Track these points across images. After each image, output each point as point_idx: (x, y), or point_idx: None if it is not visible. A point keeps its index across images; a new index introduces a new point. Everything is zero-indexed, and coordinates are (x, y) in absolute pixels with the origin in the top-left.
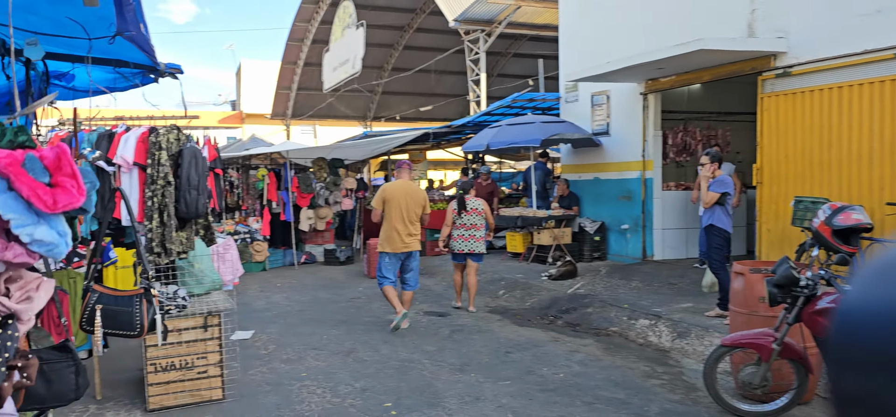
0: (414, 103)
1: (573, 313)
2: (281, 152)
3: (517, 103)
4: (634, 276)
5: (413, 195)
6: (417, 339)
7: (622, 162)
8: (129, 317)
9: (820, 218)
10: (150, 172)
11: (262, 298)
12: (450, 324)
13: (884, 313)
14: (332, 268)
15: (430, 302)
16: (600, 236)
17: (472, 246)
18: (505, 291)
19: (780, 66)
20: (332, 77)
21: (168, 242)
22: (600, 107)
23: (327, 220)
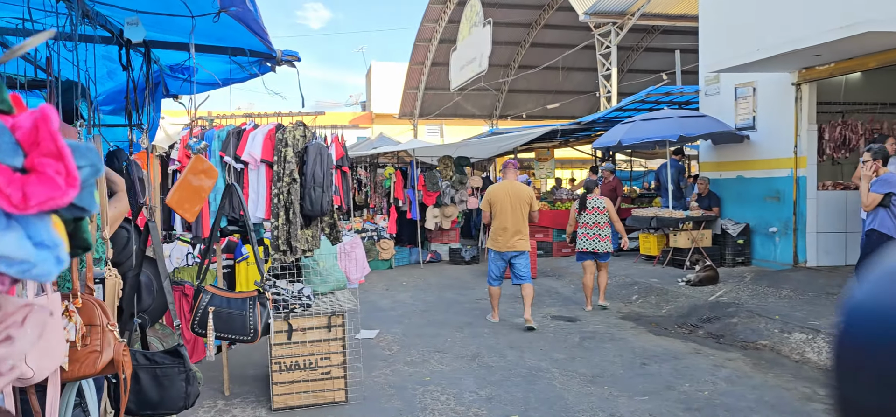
0: (540, 101)
1: (716, 323)
2: (407, 150)
3: (652, 97)
4: (784, 284)
5: (518, 194)
6: (545, 345)
7: (770, 159)
8: (242, 321)
9: None
10: (276, 169)
11: (387, 297)
12: (579, 330)
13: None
14: (457, 267)
15: (558, 306)
16: (744, 239)
17: (596, 245)
18: (639, 296)
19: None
20: (458, 76)
21: (293, 240)
22: (745, 100)
23: (453, 219)
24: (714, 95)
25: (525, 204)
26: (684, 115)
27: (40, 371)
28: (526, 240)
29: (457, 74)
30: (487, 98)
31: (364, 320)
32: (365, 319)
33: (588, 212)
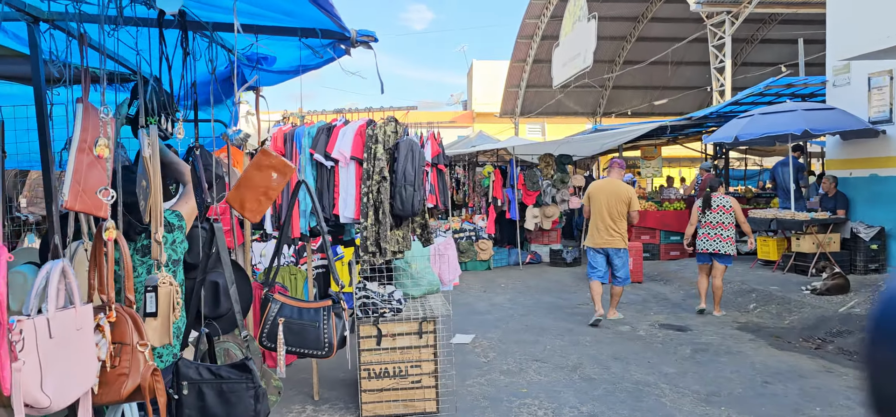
0: (646, 97)
1: (848, 337)
2: (507, 148)
3: (771, 90)
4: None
5: (616, 192)
6: (653, 357)
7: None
8: (316, 334)
9: None
10: (366, 167)
11: (484, 299)
12: (691, 341)
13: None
14: (558, 270)
15: (666, 313)
16: (878, 244)
17: (717, 245)
18: (757, 305)
19: None
20: (561, 73)
21: (382, 241)
22: (881, 91)
23: (553, 219)
24: (843, 87)
25: (622, 202)
26: (809, 108)
27: (60, 398)
28: (621, 239)
29: (559, 71)
30: (591, 95)
31: (459, 323)
32: (460, 322)
33: (712, 212)
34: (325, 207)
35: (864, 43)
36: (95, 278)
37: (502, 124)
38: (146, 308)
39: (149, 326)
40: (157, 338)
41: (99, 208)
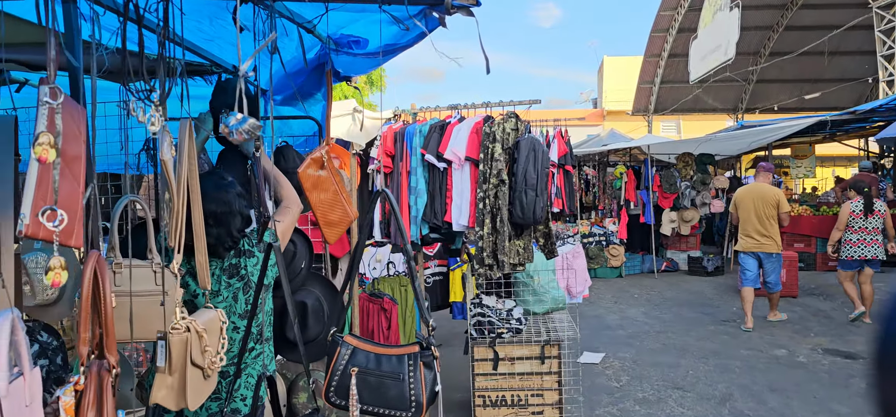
0: (796, 91)
1: None
2: (641, 147)
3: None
4: None
5: (763, 196)
6: (819, 390)
7: None
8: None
9: None
10: (482, 169)
11: (615, 311)
12: (865, 373)
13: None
14: (697, 280)
15: (830, 335)
16: None
17: (875, 251)
18: None
19: None
20: (700, 66)
21: (500, 252)
22: None
23: (693, 224)
24: None
25: (770, 206)
26: None
27: None
28: (774, 243)
29: (697, 65)
30: (732, 90)
31: (587, 339)
32: (588, 338)
33: (872, 216)
34: (438, 213)
35: None
36: (88, 328)
37: (635, 122)
38: (156, 359)
39: (161, 384)
40: (172, 401)
41: (48, 235)
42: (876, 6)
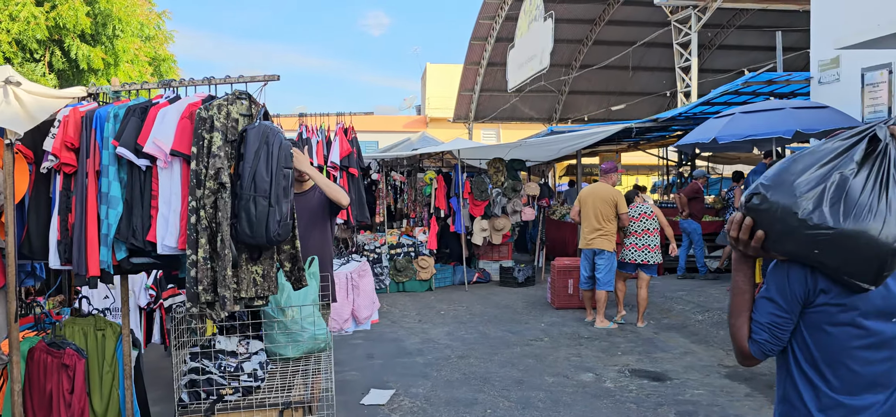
0: (604, 103)
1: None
2: (452, 152)
3: (750, 87)
4: None
5: (602, 195)
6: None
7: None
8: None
9: None
10: (195, 168)
11: (417, 332)
12: (672, 395)
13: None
14: (509, 291)
15: (637, 353)
16: None
17: (646, 256)
18: None
19: None
20: (517, 75)
21: (222, 284)
22: (877, 87)
23: (505, 232)
24: (831, 83)
25: (608, 205)
26: (799, 107)
27: None
28: (605, 240)
29: (514, 74)
30: (546, 100)
31: (379, 371)
32: (380, 369)
33: (635, 220)
34: (138, 230)
35: (856, 33)
36: None
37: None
38: None
39: None
40: None
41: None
42: (674, 19)
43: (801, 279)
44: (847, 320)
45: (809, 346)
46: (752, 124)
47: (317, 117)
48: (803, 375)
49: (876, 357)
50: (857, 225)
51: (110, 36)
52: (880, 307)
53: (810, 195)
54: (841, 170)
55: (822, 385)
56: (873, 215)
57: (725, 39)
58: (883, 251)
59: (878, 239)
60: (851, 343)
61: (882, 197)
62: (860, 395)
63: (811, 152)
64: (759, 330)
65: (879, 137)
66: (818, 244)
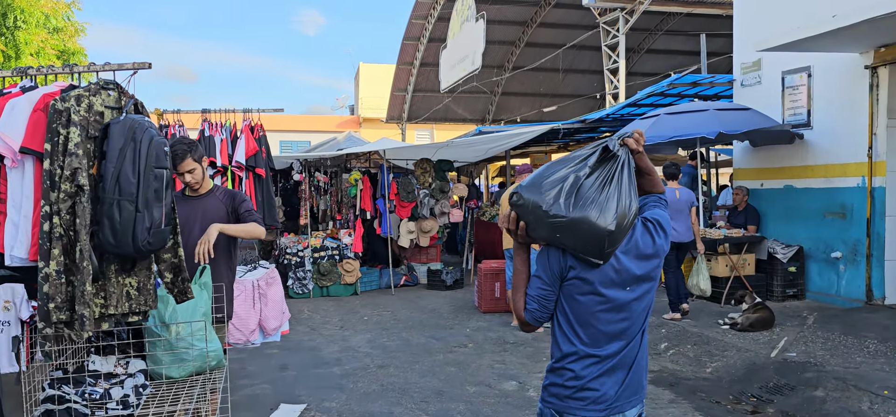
0: (536, 104)
1: (790, 395)
2: (378, 152)
3: (675, 89)
4: (865, 331)
5: None
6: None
7: (832, 164)
8: None
9: None
10: (49, 168)
11: (337, 340)
12: None
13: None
14: (436, 295)
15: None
16: (796, 266)
17: None
18: (670, 345)
19: None
20: (449, 75)
21: (79, 301)
22: (797, 90)
23: (432, 234)
24: (753, 85)
25: None
26: (722, 108)
27: None
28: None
29: (447, 74)
30: (479, 101)
31: (295, 381)
32: (296, 380)
33: None
34: None
35: (777, 36)
36: None
37: (390, 130)
38: None
39: None
40: None
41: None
42: (602, 22)
43: (557, 259)
44: (590, 290)
45: (567, 311)
46: (678, 125)
47: (221, 113)
48: (563, 333)
49: (615, 317)
50: (581, 213)
51: (11, 27)
52: (614, 279)
53: (552, 192)
54: (577, 172)
55: (576, 340)
56: (594, 205)
57: (653, 44)
58: (601, 232)
59: (597, 223)
60: (595, 308)
61: (603, 192)
62: (604, 346)
63: (560, 160)
64: (531, 302)
65: (610, 148)
66: (557, 229)
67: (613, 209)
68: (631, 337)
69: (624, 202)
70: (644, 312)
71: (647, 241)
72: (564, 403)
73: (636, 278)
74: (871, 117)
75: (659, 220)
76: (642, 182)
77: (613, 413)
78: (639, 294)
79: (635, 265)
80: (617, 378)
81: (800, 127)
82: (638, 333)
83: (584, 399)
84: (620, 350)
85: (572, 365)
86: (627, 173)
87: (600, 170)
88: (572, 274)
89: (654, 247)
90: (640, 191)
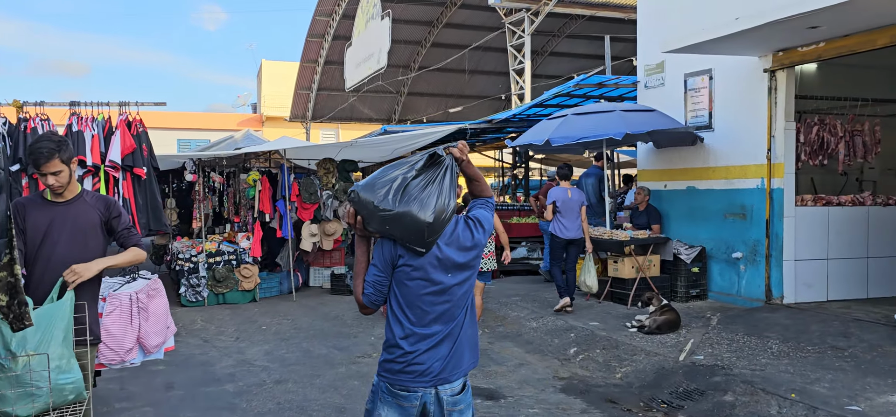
0: (442, 105)
1: (700, 401)
2: (279, 151)
3: (581, 89)
4: (768, 331)
5: None
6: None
7: (733, 165)
8: None
9: None
10: None
11: (232, 353)
12: (507, 415)
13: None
14: (339, 301)
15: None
16: (699, 267)
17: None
18: (579, 350)
19: None
20: (354, 74)
21: None
22: (698, 92)
23: (336, 238)
24: (657, 87)
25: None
26: (628, 109)
27: None
28: None
29: (352, 72)
30: (386, 101)
31: (181, 402)
32: (182, 401)
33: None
34: None
35: (680, 38)
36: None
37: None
38: None
39: None
40: None
41: None
42: (508, 22)
43: (389, 249)
44: (418, 276)
45: (397, 295)
46: (584, 126)
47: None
48: (394, 315)
49: (438, 300)
50: (405, 207)
51: None
52: (438, 266)
53: (383, 190)
54: (405, 174)
55: (404, 320)
56: (416, 201)
57: (557, 47)
58: (421, 224)
59: (418, 216)
60: (421, 291)
61: (425, 191)
62: (428, 326)
63: (394, 164)
64: (368, 287)
65: (436, 155)
66: (386, 221)
67: (432, 205)
68: (452, 318)
69: (442, 200)
70: (465, 296)
71: (467, 235)
72: (396, 377)
73: (457, 265)
74: (769, 120)
75: (479, 218)
76: (471, 187)
77: (439, 384)
78: (460, 280)
79: (456, 254)
80: (440, 353)
81: (702, 129)
82: (460, 314)
83: (413, 373)
84: (444, 329)
85: (402, 343)
86: (449, 177)
87: (426, 174)
88: (401, 261)
89: (473, 240)
90: (471, 195)
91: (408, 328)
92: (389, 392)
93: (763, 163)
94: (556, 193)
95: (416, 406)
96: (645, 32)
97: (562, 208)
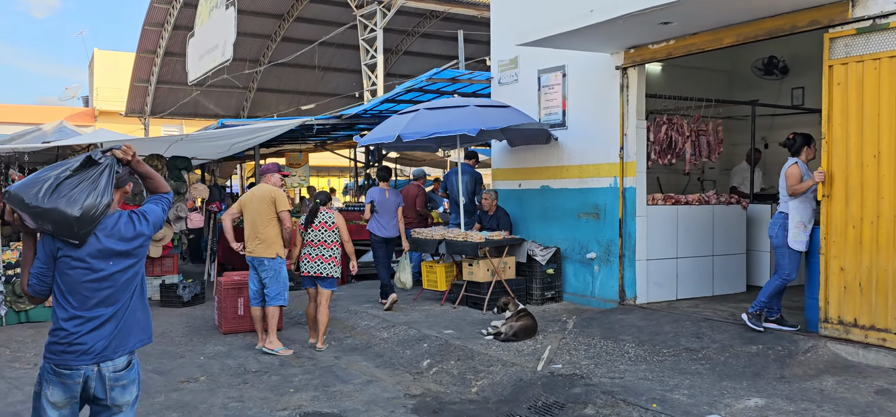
0: (294, 102)
1: (560, 415)
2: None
3: (435, 84)
4: (623, 335)
5: (260, 195)
6: None
7: (586, 164)
8: None
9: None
10: None
11: (27, 383)
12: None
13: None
14: (170, 313)
15: (313, 387)
16: (554, 268)
17: (320, 267)
18: (433, 362)
19: (866, 16)
20: (198, 67)
21: None
22: (552, 89)
23: (165, 243)
24: (511, 84)
25: (266, 204)
26: (483, 105)
27: None
28: (266, 246)
29: (195, 65)
30: (233, 97)
31: None
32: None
33: (314, 228)
34: None
35: (534, 31)
36: None
37: (131, 124)
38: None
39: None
40: None
41: None
42: (360, 15)
43: (49, 242)
44: (78, 264)
45: (60, 283)
46: (437, 121)
47: None
48: (58, 301)
49: (101, 286)
50: (53, 204)
51: None
52: (98, 256)
53: (35, 188)
54: (59, 174)
55: (68, 305)
56: (65, 199)
57: (411, 46)
58: (70, 219)
59: (65, 211)
60: (83, 279)
61: (76, 188)
62: (91, 310)
63: (53, 166)
64: (32, 278)
65: (93, 158)
66: (38, 217)
67: (81, 201)
68: (116, 301)
69: (94, 197)
70: (129, 281)
71: (130, 228)
72: (60, 357)
73: (118, 253)
74: (622, 118)
75: (145, 212)
76: (147, 184)
77: (102, 361)
78: (123, 266)
79: (117, 244)
80: (103, 334)
81: (556, 127)
82: (125, 296)
83: (75, 352)
84: (107, 311)
85: (65, 325)
86: (107, 176)
87: (82, 174)
88: (61, 253)
89: (135, 231)
90: (148, 191)
91: (71, 311)
92: (53, 371)
93: (616, 162)
94: (373, 194)
95: (78, 382)
96: (499, 28)
97: (379, 208)
